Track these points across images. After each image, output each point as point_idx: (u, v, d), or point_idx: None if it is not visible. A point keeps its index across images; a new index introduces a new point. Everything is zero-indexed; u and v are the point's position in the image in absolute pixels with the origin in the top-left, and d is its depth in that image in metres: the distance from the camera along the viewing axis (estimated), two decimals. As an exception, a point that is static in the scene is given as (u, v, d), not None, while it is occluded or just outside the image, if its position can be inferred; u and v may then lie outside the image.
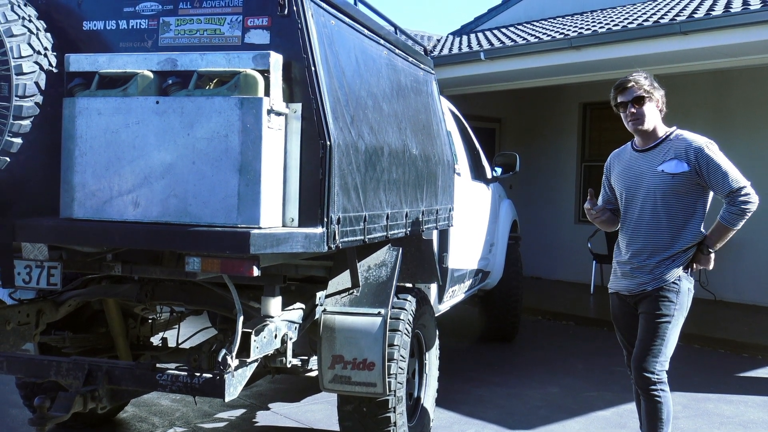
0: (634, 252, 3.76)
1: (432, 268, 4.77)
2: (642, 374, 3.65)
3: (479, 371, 6.57)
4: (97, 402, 3.41)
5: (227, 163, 2.92)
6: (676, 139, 3.73)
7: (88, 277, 4.03)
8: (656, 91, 3.74)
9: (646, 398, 3.68)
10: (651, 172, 3.71)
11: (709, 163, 3.62)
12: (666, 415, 3.66)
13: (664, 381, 3.66)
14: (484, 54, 9.37)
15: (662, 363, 3.65)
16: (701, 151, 3.63)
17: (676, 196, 3.66)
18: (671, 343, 3.68)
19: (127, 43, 3.28)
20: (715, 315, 9.30)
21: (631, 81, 3.74)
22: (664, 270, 3.69)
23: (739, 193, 3.60)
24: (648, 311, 3.71)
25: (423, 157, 4.41)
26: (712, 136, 3.83)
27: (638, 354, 3.69)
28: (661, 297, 3.68)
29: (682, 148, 3.67)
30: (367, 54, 3.79)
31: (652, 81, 3.76)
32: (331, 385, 3.76)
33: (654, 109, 3.73)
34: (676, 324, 3.70)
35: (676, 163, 3.65)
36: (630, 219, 3.79)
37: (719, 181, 3.61)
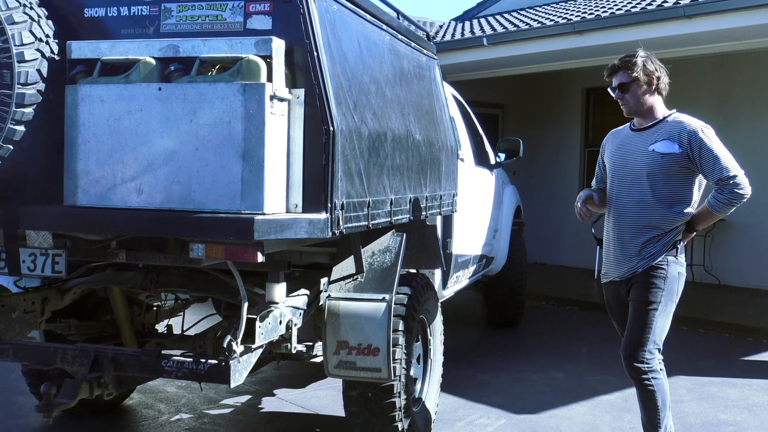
0: (619, 231, 3.72)
1: (436, 254, 4.77)
2: (632, 364, 3.61)
3: (483, 356, 6.58)
4: (104, 389, 3.43)
5: (230, 149, 2.91)
6: (673, 121, 3.67)
7: (93, 264, 4.03)
8: (649, 72, 3.65)
9: (638, 387, 3.66)
10: (642, 151, 3.66)
11: (702, 148, 3.54)
12: (661, 401, 3.62)
13: (654, 369, 3.61)
14: (487, 39, 9.34)
15: (651, 351, 3.61)
16: (695, 134, 3.56)
17: (663, 176, 3.60)
18: (660, 330, 3.63)
19: (129, 30, 3.26)
20: (720, 299, 9.31)
21: (617, 65, 3.69)
22: (650, 249, 3.63)
23: (729, 181, 3.51)
24: (636, 299, 3.67)
25: (426, 143, 4.40)
26: (715, 120, 3.81)
27: (626, 344, 3.66)
28: (649, 283, 3.63)
29: (676, 130, 3.62)
30: (369, 39, 3.77)
31: (644, 62, 3.67)
32: (336, 371, 3.77)
33: (644, 92, 3.67)
34: (665, 311, 3.64)
35: (668, 144, 3.60)
36: (617, 197, 3.74)
37: (710, 167, 3.53)
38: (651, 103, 3.70)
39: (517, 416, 4.98)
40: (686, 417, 5.03)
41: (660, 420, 3.64)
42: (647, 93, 3.68)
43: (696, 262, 10.26)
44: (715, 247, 10.18)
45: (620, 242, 3.72)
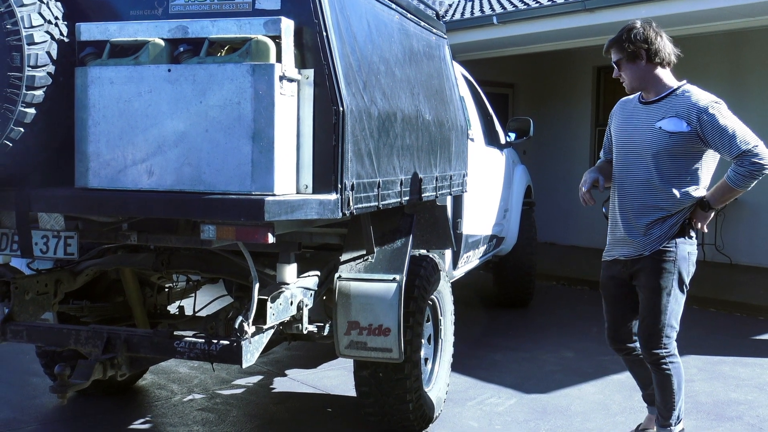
0: (624, 211, 3.60)
1: (446, 234, 4.77)
2: (649, 350, 3.57)
3: (494, 336, 6.60)
4: (117, 369, 3.45)
5: (240, 130, 2.91)
6: (682, 95, 3.49)
7: (105, 246, 4.05)
8: (643, 45, 3.48)
9: (655, 372, 3.62)
10: (649, 128, 3.50)
11: (714, 125, 3.38)
12: (677, 385, 3.60)
13: (672, 353, 3.57)
14: (497, 18, 9.27)
15: (668, 335, 3.55)
16: (705, 111, 3.39)
17: (670, 156, 3.45)
18: (675, 313, 3.56)
19: (138, 11, 3.25)
20: (731, 278, 9.29)
21: (612, 40, 3.57)
22: (656, 231, 3.51)
23: (748, 154, 3.35)
24: (646, 285, 3.56)
25: (436, 123, 4.39)
26: (727, 98, 3.71)
27: (642, 331, 3.60)
28: (658, 269, 3.52)
29: (684, 107, 3.44)
30: (378, 19, 3.75)
31: (638, 34, 3.49)
32: (347, 351, 3.79)
33: (639, 66, 3.51)
34: (674, 294, 3.54)
35: (676, 122, 3.44)
36: (622, 175, 3.61)
37: (726, 144, 3.37)
38: (651, 75, 3.53)
39: (528, 395, 4.99)
40: (697, 396, 5.03)
41: (675, 402, 3.63)
42: (641, 67, 3.52)
43: (707, 241, 10.22)
44: (727, 226, 10.14)
45: (625, 222, 3.60)
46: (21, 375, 5.24)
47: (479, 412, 4.67)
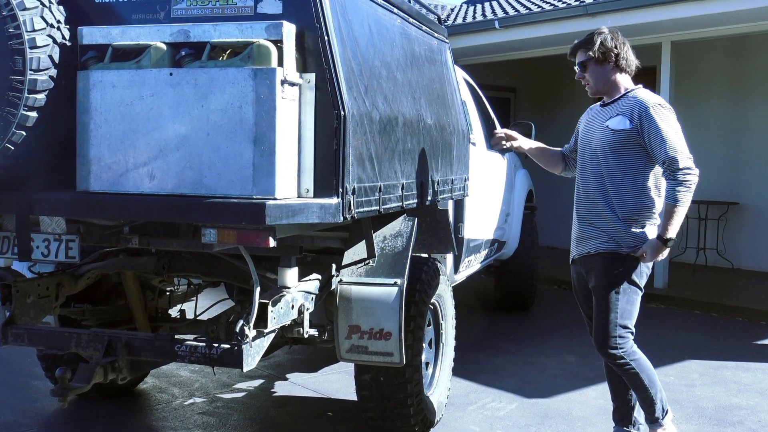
0: (578, 209, 3.71)
1: (448, 239, 4.77)
2: (606, 352, 3.57)
3: (496, 341, 6.59)
4: (118, 373, 3.45)
5: (241, 134, 2.91)
6: (631, 96, 3.59)
7: (106, 250, 4.05)
8: (609, 49, 3.58)
9: (620, 372, 3.62)
10: (600, 128, 3.62)
11: (651, 124, 3.45)
12: (648, 380, 3.58)
13: (629, 350, 3.56)
14: (499, 22, 9.28)
15: (621, 335, 3.54)
16: (646, 110, 3.47)
17: (615, 154, 3.52)
18: (626, 312, 3.54)
19: (140, 15, 3.26)
20: (733, 283, 9.27)
21: (578, 43, 3.67)
22: (611, 233, 3.55)
23: (675, 162, 3.39)
24: (596, 284, 3.60)
25: (438, 127, 4.39)
26: (730, 102, 3.75)
27: (596, 332, 3.60)
28: (606, 267, 3.55)
29: (629, 105, 3.54)
30: (380, 23, 3.75)
31: (604, 40, 3.60)
32: (348, 355, 3.79)
33: (604, 70, 3.61)
34: (625, 293, 3.54)
35: (620, 119, 3.52)
36: (580, 176, 3.74)
37: (657, 146, 3.43)
38: (613, 80, 3.63)
39: (529, 400, 4.99)
40: (699, 401, 5.03)
41: (653, 396, 3.61)
42: (607, 71, 3.62)
43: (709, 246, 10.21)
44: (728, 230, 10.13)
45: (581, 220, 3.70)
46: (22, 378, 5.24)
47: (480, 417, 4.67)
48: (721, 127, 10.22)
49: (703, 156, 10.30)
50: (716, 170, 10.31)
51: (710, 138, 10.30)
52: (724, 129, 10.21)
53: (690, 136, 11.29)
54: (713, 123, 10.26)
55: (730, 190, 10.15)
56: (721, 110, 10.18)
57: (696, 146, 11.48)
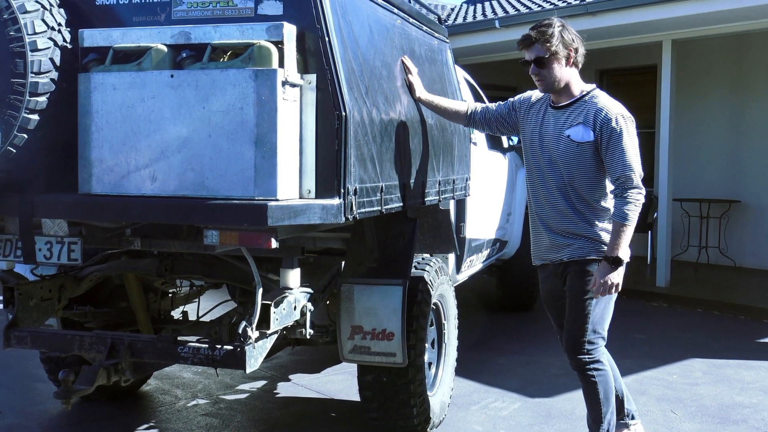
0: (543, 216, 3.55)
1: (449, 239, 4.77)
2: (574, 357, 3.49)
3: (498, 340, 6.59)
4: (121, 375, 3.46)
5: (243, 135, 2.91)
6: (590, 101, 3.43)
7: (108, 252, 4.06)
8: (567, 44, 3.41)
9: (581, 379, 3.53)
10: (557, 136, 3.44)
11: (612, 137, 3.31)
12: (603, 395, 3.48)
13: (597, 359, 3.48)
14: (499, 22, 9.27)
15: (592, 341, 3.47)
16: (609, 121, 3.32)
17: (580, 166, 3.39)
18: (599, 318, 3.47)
19: (141, 18, 3.26)
20: (735, 281, 9.27)
21: (532, 37, 3.43)
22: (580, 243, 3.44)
23: (629, 181, 3.28)
24: (571, 288, 3.50)
25: (438, 127, 4.39)
26: (730, 100, 3.71)
27: (567, 336, 3.52)
28: (583, 272, 3.45)
29: (591, 113, 3.37)
30: (380, 23, 3.75)
31: (562, 33, 3.42)
32: (350, 356, 3.79)
33: (562, 67, 3.43)
34: (602, 299, 3.44)
35: (583, 130, 3.36)
36: (538, 182, 3.54)
37: (614, 160, 3.30)
38: (567, 78, 3.46)
39: (532, 399, 4.99)
40: (702, 399, 5.02)
41: (603, 414, 3.50)
42: (563, 67, 3.44)
43: (711, 244, 10.21)
44: (731, 228, 10.12)
45: (546, 227, 3.54)
46: (25, 381, 5.24)
47: (483, 417, 4.67)
48: (723, 125, 10.22)
49: (704, 154, 10.38)
50: (718, 168, 10.31)
51: (712, 136, 10.30)
52: (725, 127, 10.20)
53: (691, 134, 11.31)
54: (714, 121, 10.26)
55: (731, 188, 10.14)
56: (723, 108, 10.17)
57: (697, 144, 11.50)
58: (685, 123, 9.90)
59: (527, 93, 3.76)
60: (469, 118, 3.96)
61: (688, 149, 10.19)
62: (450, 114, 4.09)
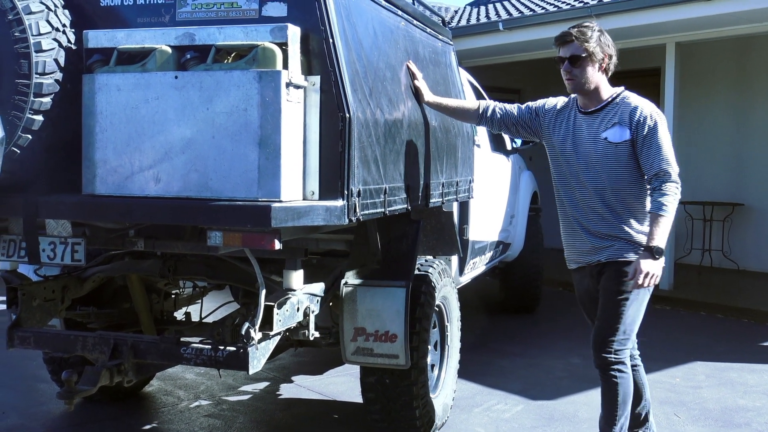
0: (581, 219, 3.54)
1: (453, 241, 4.76)
2: (599, 354, 3.46)
3: (501, 343, 6.58)
4: (123, 376, 3.46)
5: (247, 137, 2.92)
6: (622, 102, 3.46)
7: (112, 253, 4.06)
8: (603, 49, 3.44)
9: (602, 379, 3.48)
10: (593, 139, 3.46)
11: (647, 133, 3.35)
12: (622, 397, 3.45)
13: (623, 361, 3.46)
14: (503, 24, 9.28)
15: (621, 342, 3.44)
16: (645, 119, 3.37)
17: (620, 167, 3.41)
18: (631, 321, 3.45)
19: (145, 19, 3.27)
20: (738, 284, 9.25)
21: (572, 35, 3.43)
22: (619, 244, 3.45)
23: (668, 176, 3.34)
24: (607, 288, 3.49)
25: (442, 129, 4.39)
26: (733, 103, 3.71)
27: (596, 333, 3.50)
28: (619, 272, 3.44)
29: (626, 113, 3.41)
30: (384, 25, 3.76)
31: (600, 37, 3.44)
32: (353, 357, 3.79)
33: (595, 70, 3.44)
34: (636, 300, 3.44)
35: (620, 131, 3.40)
36: (573, 187, 3.54)
37: (652, 156, 3.34)
38: (597, 82, 3.47)
39: (535, 402, 4.98)
40: (705, 403, 5.01)
41: (617, 417, 3.47)
42: (596, 71, 3.45)
43: (714, 247, 10.19)
44: (734, 231, 10.10)
45: (584, 230, 3.54)
46: (28, 381, 5.24)
47: (486, 419, 4.66)
48: (726, 128, 10.20)
49: (708, 157, 10.36)
50: (721, 171, 10.30)
51: (715, 139, 10.29)
52: (729, 130, 10.19)
53: (695, 137, 11.32)
54: (718, 124, 10.25)
55: (735, 191, 10.13)
56: (726, 111, 10.16)
57: (701, 147, 11.49)
58: (688, 126, 9.89)
59: (550, 100, 3.75)
60: (481, 116, 3.94)
61: (691, 152, 10.17)
62: (460, 113, 4.11)
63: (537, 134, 3.78)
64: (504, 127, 3.91)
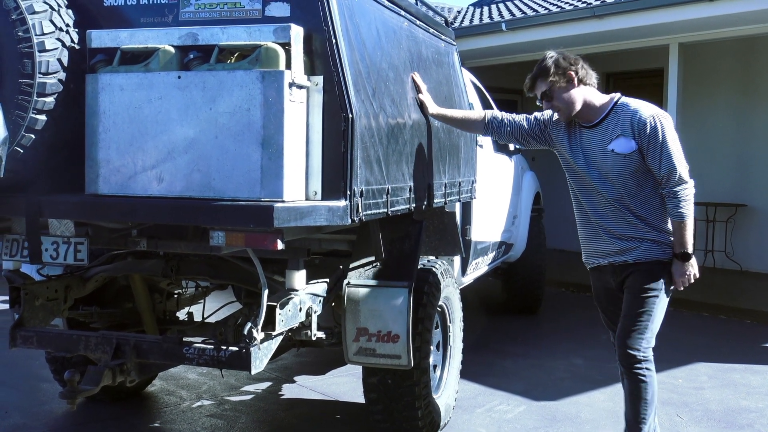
0: (606, 227, 3.52)
1: (455, 241, 4.76)
2: (626, 351, 3.43)
3: (503, 343, 6.58)
4: (126, 375, 3.46)
5: (250, 137, 2.92)
6: (621, 110, 3.44)
7: (114, 252, 4.06)
8: (565, 68, 3.45)
9: (629, 377, 3.47)
10: (602, 152, 3.44)
11: (653, 138, 3.34)
12: (650, 395, 3.44)
13: (649, 359, 3.45)
14: (506, 25, 9.27)
15: (648, 340, 3.44)
16: (646, 124, 3.35)
17: (632, 176, 3.40)
18: (657, 319, 3.46)
19: (148, 19, 3.27)
20: (741, 285, 9.24)
21: (533, 77, 3.53)
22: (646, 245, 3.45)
23: (678, 179, 3.34)
24: (633, 286, 3.48)
25: (445, 129, 4.39)
26: (738, 103, 3.71)
27: (623, 330, 3.47)
28: (647, 271, 3.45)
29: (627, 122, 3.39)
30: (387, 25, 3.76)
31: (556, 62, 3.46)
32: (355, 358, 3.78)
33: (569, 91, 3.45)
34: (662, 299, 3.46)
35: (625, 142, 3.38)
36: (592, 194, 3.53)
37: (660, 160, 3.34)
38: (582, 97, 3.47)
39: (537, 403, 4.98)
40: (708, 404, 5.01)
41: (647, 416, 3.46)
42: (574, 91, 3.46)
43: (717, 248, 10.18)
44: (737, 232, 10.09)
45: (608, 233, 3.52)
46: (30, 380, 5.25)
47: (488, 420, 4.66)
48: (730, 129, 10.19)
49: (711, 158, 10.35)
50: (724, 172, 10.28)
51: (718, 140, 10.27)
52: (732, 130, 10.17)
53: (698, 138, 11.33)
54: (721, 125, 10.23)
55: (738, 192, 10.12)
56: (730, 112, 10.15)
57: (704, 148, 11.48)
58: (691, 126, 9.87)
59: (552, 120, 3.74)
60: (487, 126, 3.96)
61: (694, 152, 10.11)
62: (466, 124, 4.14)
63: (549, 144, 3.78)
64: (514, 139, 3.93)
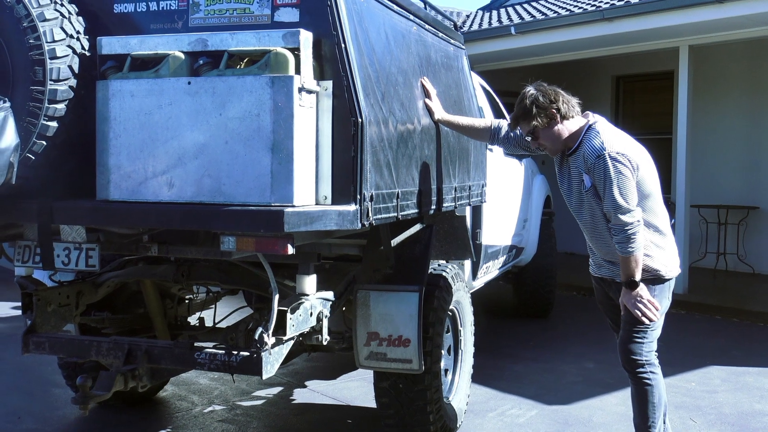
0: (593, 248, 3.64)
1: (465, 245, 4.76)
2: (629, 357, 3.48)
3: (514, 347, 6.56)
4: (138, 381, 3.47)
5: (259, 142, 2.92)
6: (583, 145, 3.44)
7: (126, 258, 4.08)
8: (546, 108, 3.46)
9: (634, 382, 3.51)
10: (577, 181, 3.51)
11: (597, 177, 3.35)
12: (657, 398, 3.47)
13: (653, 362, 3.49)
14: (515, 28, 9.27)
15: (648, 344, 3.48)
16: (593, 165, 3.36)
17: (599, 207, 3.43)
18: (656, 324, 3.50)
19: (158, 25, 3.28)
20: (754, 288, 9.18)
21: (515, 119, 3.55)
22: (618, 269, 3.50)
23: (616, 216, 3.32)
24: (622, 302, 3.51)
25: (454, 133, 4.39)
26: (746, 106, 3.69)
27: (623, 337, 3.52)
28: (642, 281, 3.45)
29: (583, 159, 3.43)
30: (396, 30, 3.76)
31: (536, 100, 3.47)
32: (367, 362, 3.78)
33: (552, 128, 3.48)
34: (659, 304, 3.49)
35: (585, 177, 3.44)
36: (578, 219, 3.60)
37: (605, 197, 3.35)
38: (566, 131, 3.50)
39: (549, 407, 4.96)
40: (721, 407, 4.98)
41: (655, 419, 3.49)
42: (560, 126, 3.49)
43: (729, 250, 10.12)
44: (749, 235, 10.04)
45: (594, 254, 3.65)
46: (43, 386, 5.27)
47: (500, 424, 4.64)
48: (740, 131, 10.15)
49: (722, 160, 10.31)
50: (736, 174, 10.24)
51: (729, 142, 10.23)
52: (743, 133, 10.13)
53: (709, 140, 11.29)
54: (732, 127, 10.19)
55: (750, 195, 10.07)
56: (740, 114, 10.11)
57: (715, 151, 11.45)
58: (702, 129, 9.84)
59: None
60: (492, 135, 4.03)
61: (705, 155, 10.12)
62: (471, 132, 4.18)
63: None
64: (520, 148, 3.97)
